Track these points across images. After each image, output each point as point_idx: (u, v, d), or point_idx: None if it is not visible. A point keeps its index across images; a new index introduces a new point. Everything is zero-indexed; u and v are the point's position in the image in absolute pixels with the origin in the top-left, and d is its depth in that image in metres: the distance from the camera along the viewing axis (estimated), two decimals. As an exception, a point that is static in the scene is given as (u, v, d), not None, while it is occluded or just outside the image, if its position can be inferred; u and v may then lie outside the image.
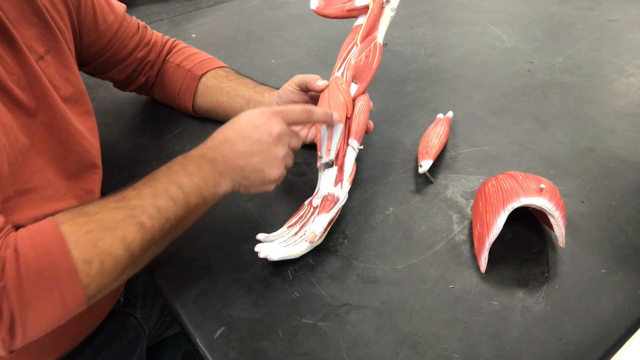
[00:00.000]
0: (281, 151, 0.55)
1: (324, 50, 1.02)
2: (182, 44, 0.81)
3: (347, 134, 0.62)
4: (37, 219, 0.51)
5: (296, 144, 0.57)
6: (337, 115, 0.60)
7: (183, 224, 0.51)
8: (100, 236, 0.44)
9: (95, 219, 0.45)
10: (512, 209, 0.52)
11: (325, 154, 0.60)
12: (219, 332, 0.49)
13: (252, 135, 0.54)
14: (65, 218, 0.45)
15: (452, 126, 0.76)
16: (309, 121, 0.59)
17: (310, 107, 0.58)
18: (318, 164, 0.61)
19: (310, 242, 0.54)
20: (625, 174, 0.66)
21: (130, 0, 1.09)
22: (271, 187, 0.56)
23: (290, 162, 0.57)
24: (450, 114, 0.77)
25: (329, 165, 0.60)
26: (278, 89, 0.73)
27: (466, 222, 0.60)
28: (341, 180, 0.59)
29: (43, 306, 0.41)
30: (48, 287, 0.41)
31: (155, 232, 0.48)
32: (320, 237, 0.55)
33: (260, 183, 0.55)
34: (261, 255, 0.53)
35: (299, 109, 0.57)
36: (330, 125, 0.61)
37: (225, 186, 0.53)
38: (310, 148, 0.73)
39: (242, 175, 0.54)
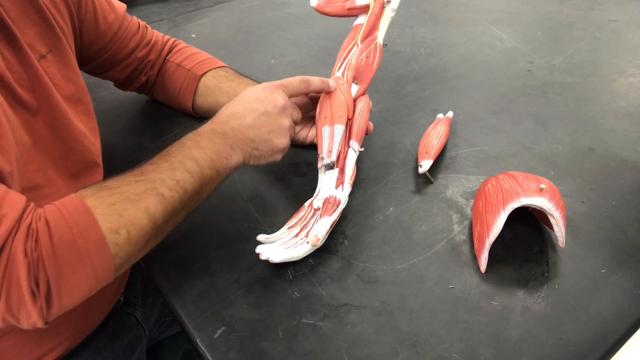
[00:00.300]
0: (287, 121, 0.59)
1: (324, 50, 1.02)
2: (182, 44, 0.81)
3: (348, 135, 0.62)
4: None
5: (297, 116, 0.62)
6: (333, 82, 0.64)
7: (199, 196, 0.54)
8: (125, 207, 0.46)
9: (118, 191, 0.47)
10: (512, 209, 0.52)
11: (327, 155, 0.59)
12: (219, 332, 0.49)
13: (259, 108, 0.57)
14: (89, 193, 0.46)
15: (452, 126, 0.76)
16: (307, 90, 0.63)
17: (307, 77, 0.62)
18: (319, 165, 0.60)
19: (313, 246, 0.54)
20: (625, 174, 0.66)
21: (130, 0, 1.09)
22: (279, 157, 0.60)
23: (293, 132, 0.62)
24: (450, 114, 0.77)
25: (330, 166, 0.60)
26: (278, 88, 0.73)
27: (466, 222, 0.60)
28: (342, 183, 0.59)
29: (77, 275, 0.42)
30: (80, 256, 0.42)
31: (175, 203, 0.50)
32: (322, 240, 0.55)
33: (270, 153, 0.59)
34: (263, 257, 0.53)
35: (297, 80, 0.62)
36: (326, 92, 0.64)
37: (236, 158, 0.56)
38: (310, 148, 0.73)
39: (252, 147, 0.57)
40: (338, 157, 0.60)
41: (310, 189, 0.66)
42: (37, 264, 0.40)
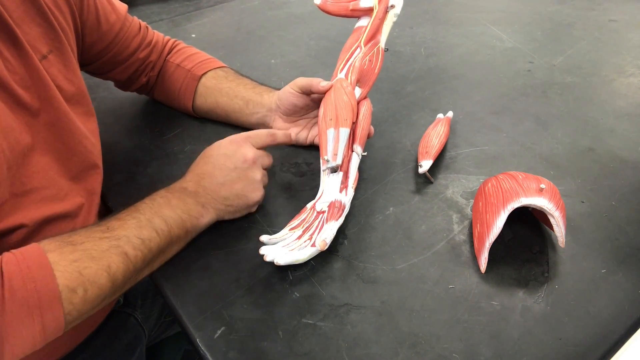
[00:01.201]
0: (258, 174, 0.59)
1: (324, 50, 1.02)
2: (182, 44, 0.81)
3: (351, 139, 0.62)
4: (37, 221, 0.51)
5: (268, 162, 0.62)
6: (294, 132, 0.69)
7: (165, 255, 0.54)
8: (86, 265, 0.45)
9: (82, 248, 0.46)
10: (512, 209, 0.52)
11: (332, 159, 0.59)
12: (219, 332, 0.49)
13: (228, 164, 0.57)
14: (53, 246, 0.45)
15: (452, 126, 0.76)
16: (274, 143, 0.63)
17: (273, 130, 0.63)
18: (323, 168, 0.60)
19: (321, 249, 0.54)
20: (625, 174, 0.66)
21: (130, 0, 1.09)
22: (254, 209, 0.61)
23: (266, 180, 0.61)
24: (450, 114, 0.77)
25: (334, 169, 0.60)
26: (278, 89, 0.73)
27: (466, 222, 0.60)
28: (346, 187, 0.59)
29: (23, 331, 0.42)
30: (30, 313, 0.41)
31: (138, 262, 0.49)
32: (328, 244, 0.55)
33: (245, 207, 0.59)
34: (268, 259, 0.53)
35: (264, 133, 0.62)
36: (289, 144, 0.67)
37: (208, 217, 0.56)
38: (310, 148, 0.73)
39: (225, 204, 0.57)
40: (342, 160, 0.60)
41: (310, 188, 0.66)
42: None
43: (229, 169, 0.57)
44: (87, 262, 0.45)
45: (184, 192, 0.55)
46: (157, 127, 0.80)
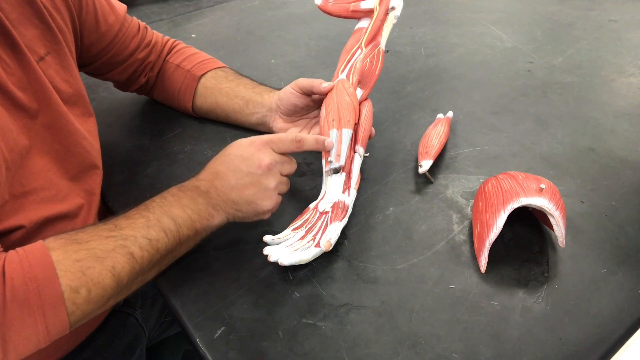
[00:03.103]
0: (272, 182, 0.55)
1: (324, 50, 1.02)
2: (182, 44, 0.81)
3: (353, 140, 0.62)
4: (38, 221, 0.51)
5: (289, 169, 0.57)
6: (330, 141, 0.60)
7: (173, 255, 0.53)
8: (90, 265, 0.45)
9: (86, 247, 0.46)
10: (512, 209, 0.52)
11: (335, 159, 0.59)
12: (219, 332, 0.49)
13: (242, 168, 0.54)
14: (57, 244, 0.45)
15: (452, 126, 0.76)
16: (299, 150, 0.58)
17: (301, 135, 0.57)
18: (326, 168, 0.60)
19: (326, 250, 0.54)
20: (625, 174, 0.66)
21: (130, 0, 1.09)
22: (266, 216, 0.57)
23: (284, 188, 0.58)
24: (450, 114, 0.77)
25: (336, 170, 0.60)
26: (278, 89, 0.73)
27: (466, 222, 0.60)
28: (349, 188, 0.59)
29: (26, 331, 0.41)
30: (32, 313, 0.41)
31: (144, 263, 0.49)
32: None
33: (253, 214, 0.56)
34: (272, 259, 0.53)
35: (289, 139, 0.57)
36: (322, 151, 0.60)
37: (218, 218, 0.54)
38: (310, 148, 0.73)
39: (235, 208, 0.55)
40: (345, 161, 0.60)
41: (310, 188, 0.66)
42: None
43: (243, 173, 0.54)
44: (91, 262, 0.45)
45: (196, 191, 0.54)
46: (157, 127, 0.80)
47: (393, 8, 0.69)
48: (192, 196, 0.53)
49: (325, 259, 0.56)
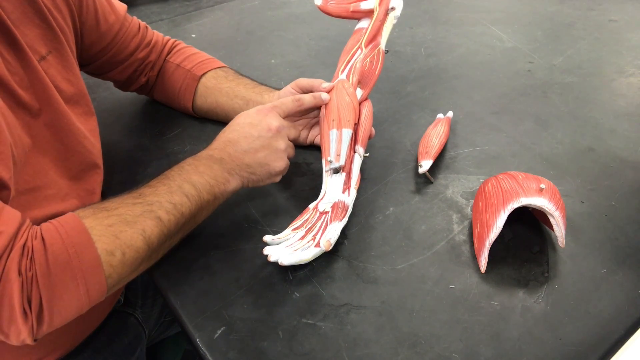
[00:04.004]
0: (282, 143, 0.59)
1: (324, 50, 1.02)
2: (182, 44, 0.81)
3: (353, 140, 0.62)
4: (40, 220, 0.51)
5: (294, 134, 0.62)
6: (326, 95, 0.64)
7: (195, 220, 0.55)
8: (122, 229, 0.47)
9: (116, 213, 0.48)
10: (512, 209, 0.52)
11: (335, 159, 0.60)
12: (219, 332, 0.50)
13: (253, 133, 0.58)
14: (87, 213, 0.47)
15: (452, 126, 0.76)
16: (301, 109, 0.63)
17: (299, 96, 0.63)
18: (326, 168, 0.60)
19: (326, 250, 0.54)
20: (625, 174, 0.66)
21: (130, 0, 1.09)
22: (278, 179, 0.61)
23: (292, 152, 0.62)
24: (450, 114, 0.77)
25: (336, 170, 0.60)
26: (278, 89, 0.73)
27: (466, 222, 0.60)
28: (349, 188, 0.59)
29: (69, 295, 0.43)
30: (74, 276, 0.43)
31: (171, 226, 0.51)
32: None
33: (267, 176, 0.59)
34: (272, 259, 0.53)
35: (290, 100, 0.62)
36: (320, 105, 0.64)
37: (234, 183, 0.57)
38: (310, 148, 0.73)
39: (249, 172, 0.58)
40: (345, 161, 0.60)
41: (310, 188, 0.66)
42: (31, 282, 0.41)
43: (254, 137, 0.58)
44: (122, 226, 0.47)
45: (211, 159, 0.57)
46: (157, 127, 0.80)
47: (393, 8, 0.69)
48: (208, 164, 0.56)
49: (325, 259, 0.56)
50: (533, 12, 1.15)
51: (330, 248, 0.54)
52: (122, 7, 0.72)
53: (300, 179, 0.68)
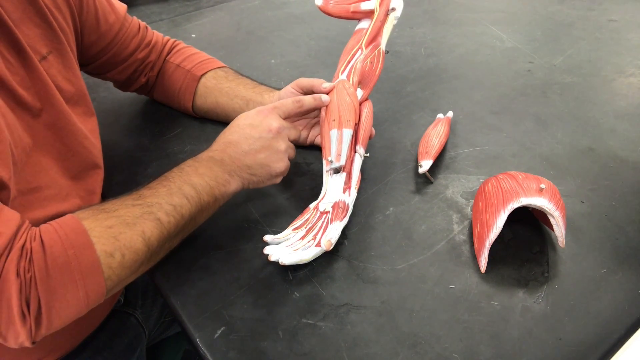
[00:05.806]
0: (282, 144, 0.59)
1: (324, 50, 1.02)
2: (182, 44, 0.81)
3: (354, 140, 0.62)
4: (40, 220, 0.51)
5: (295, 135, 0.61)
6: (326, 96, 0.64)
7: (195, 221, 0.54)
8: (121, 230, 0.46)
9: (115, 214, 0.48)
10: (512, 209, 0.52)
11: (336, 159, 0.60)
12: (219, 332, 0.50)
13: (253, 134, 0.58)
14: (86, 214, 0.47)
15: (452, 126, 0.76)
16: (301, 110, 0.62)
17: (300, 97, 0.62)
18: (327, 168, 0.60)
19: (327, 250, 0.54)
20: (625, 174, 0.66)
21: (130, 0, 1.09)
22: (278, 180, 0.61)
23: (292, 153, 0.61)
24: (450, 114, 0.77)
25: (337, 170, 0.60)
26: (278, 89, 0.73)
27: (466, 222, 0.60)
28: (349, 188, 0.59)
29: (68, 297, 0.43)
30: (73, 278, 0.43)
31: (171, 228, 0.50)
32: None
33: (268, 177, 0.59)
34: (272, 258, 0.53)
35: (290, 102, 0.62)
36: (320, 107, 0.64)
37: (234, 184, 0.57)
38: (310, 148, 0.73)
39: (249, 173, 0.57)
40: (345, 161, 0.60)
41: (310, 188, 0.66)
42: (29, 284, 0.41)
43: (254, 138, 0.57)
44: (121, 228, 0.47)
45: (211, 160, 0.56)
46: (157, 127, 0.80)
47: (393, 9, 0.69)
48: (208, 165, 0.56)
49: (325, 259, 0.56)
50: (533, 12, 1.15)
51: (331, 248, 0.54)
52: (122, 7, 0.72)
53: (301, 179, 0.68)
